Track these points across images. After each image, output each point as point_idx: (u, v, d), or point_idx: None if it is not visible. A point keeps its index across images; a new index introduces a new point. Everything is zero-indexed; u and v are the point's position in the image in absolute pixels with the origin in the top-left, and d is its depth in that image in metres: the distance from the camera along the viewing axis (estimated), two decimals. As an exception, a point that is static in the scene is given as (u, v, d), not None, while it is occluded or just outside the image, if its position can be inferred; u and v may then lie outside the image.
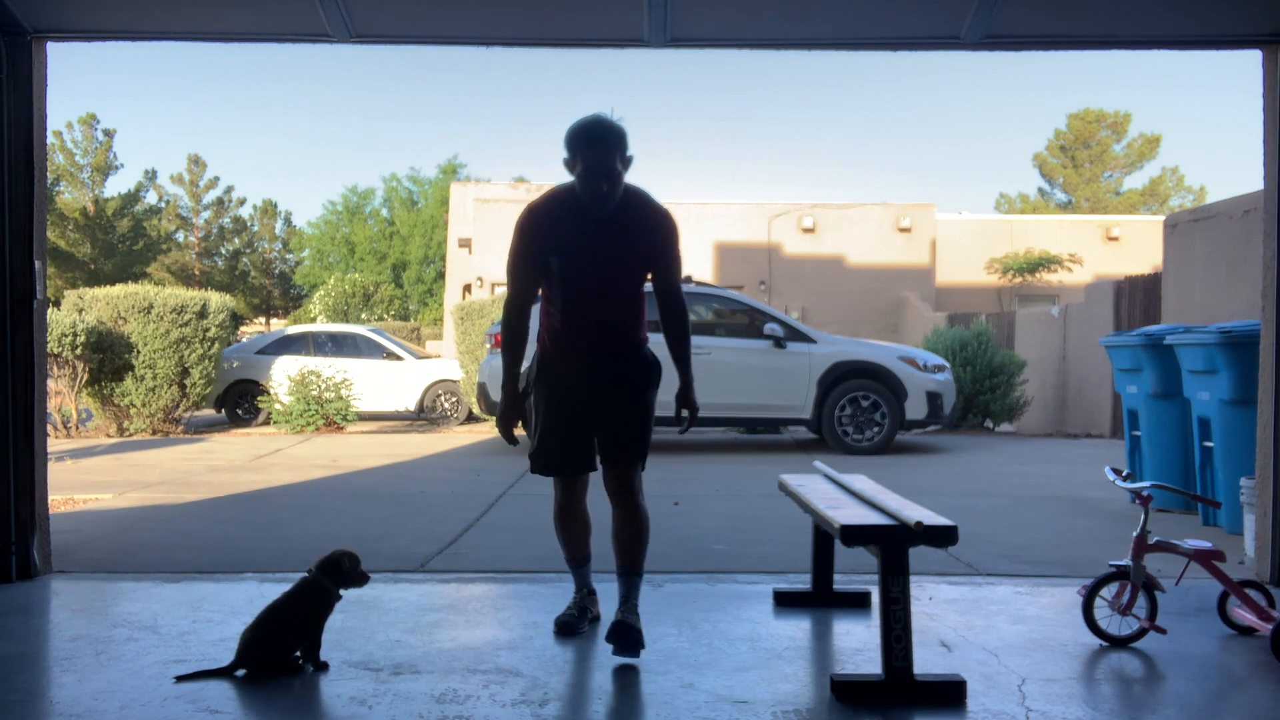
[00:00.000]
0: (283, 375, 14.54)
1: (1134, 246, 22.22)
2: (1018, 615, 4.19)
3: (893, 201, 21.88)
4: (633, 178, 3.57)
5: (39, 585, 4.68)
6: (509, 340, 3.71)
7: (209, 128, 68.51)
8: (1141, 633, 3.76)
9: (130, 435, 13.26)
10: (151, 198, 43.48)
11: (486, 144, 69.94)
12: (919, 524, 3.11)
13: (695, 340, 10.81)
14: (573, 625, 3.85)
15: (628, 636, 3.49)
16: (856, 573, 4.78)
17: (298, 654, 3.42)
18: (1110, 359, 7.80)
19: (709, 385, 10.69)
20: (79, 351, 12.58)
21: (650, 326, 3.76)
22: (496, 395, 10.79)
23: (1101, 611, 3.81)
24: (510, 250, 3.63)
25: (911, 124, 70.88)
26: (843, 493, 3.91)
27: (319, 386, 13.96)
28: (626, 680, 3.38)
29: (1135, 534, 3.78)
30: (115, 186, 58.30)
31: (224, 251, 47.00)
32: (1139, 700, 3.26)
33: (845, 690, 3.17)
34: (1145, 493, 3.82)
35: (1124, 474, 3.97)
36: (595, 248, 3.56)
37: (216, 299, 14.28)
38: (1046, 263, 20.68)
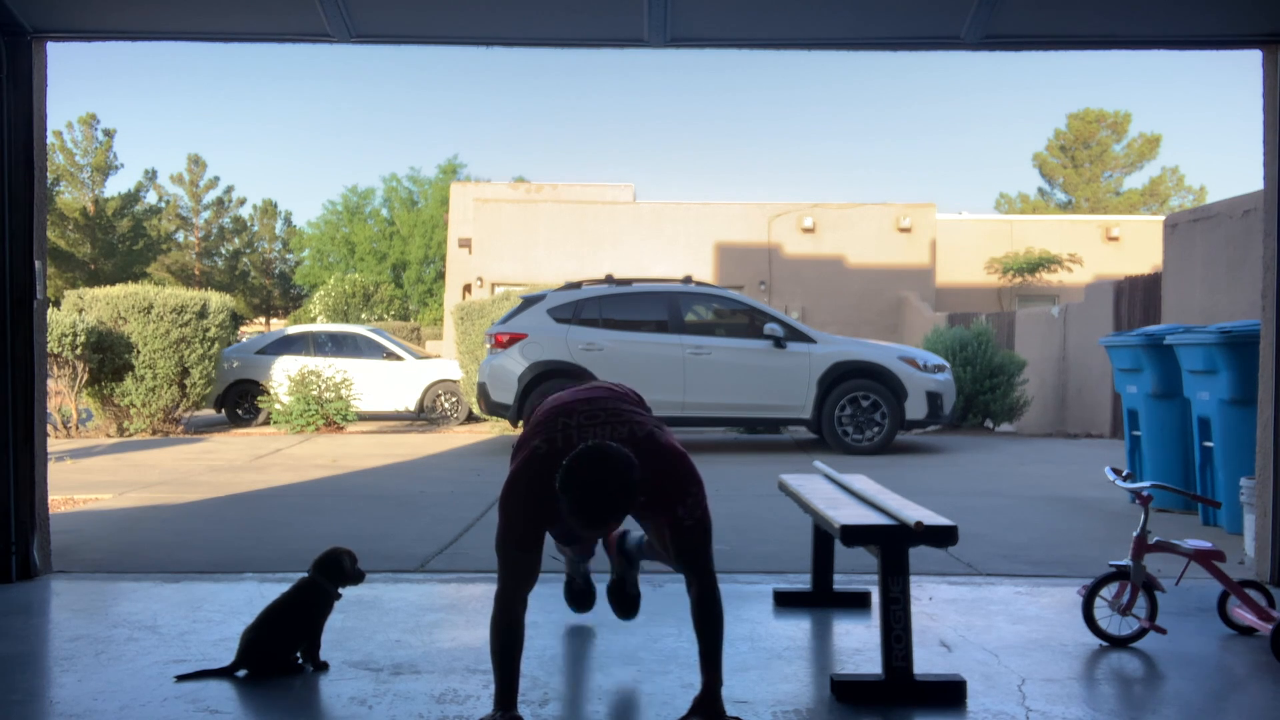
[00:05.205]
0: (283, 375, 14.54)
1: (1134, 246, 22.22)
2: (1018, 615, 4.19)
3: (893, 201, 21.90)
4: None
5: (39, 585, 4.68)
6: (498, 643, 2.83)
7: (209, 128, 68.61)
8: (1141, 633, 3.76)
9: (130, 435, 13.26)
10: (151, 198, 43.54)
11: (486, 144, 70.04)
12: (919, 524, 3.11)
13: (695, 340, 10.98)
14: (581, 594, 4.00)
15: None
16: (856, 573, 4.78)
17: (298, 654, 3.43)
18: (1110, 359, 7.80)
19: (709, 385, 10.79)
20: (79, 351, 12.58)
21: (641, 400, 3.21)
22: (497, 395, 10.81)
23: (1101, 611, 3.81)
24: (498, 529, 2.92)
25: (911, 124, 70.97)
26: (843, 493, 3.91)
27: (319, 386, 13.96)
28: (626, 680, 3.38)
29: (1135, 534, 3.78)
30: (115, 186, 58.47)
31: (224, 251, 47.01)
32: (1139, 700, 3.26)
33: (845, 690, 3.17)
34: (1145, 493, 3.82)
35: (1124, 474, 3.97)
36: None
37: (216, 299, 14.28)
38: (1046, 263, 20.68)
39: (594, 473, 2.63)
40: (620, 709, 3.14)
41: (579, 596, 4.02)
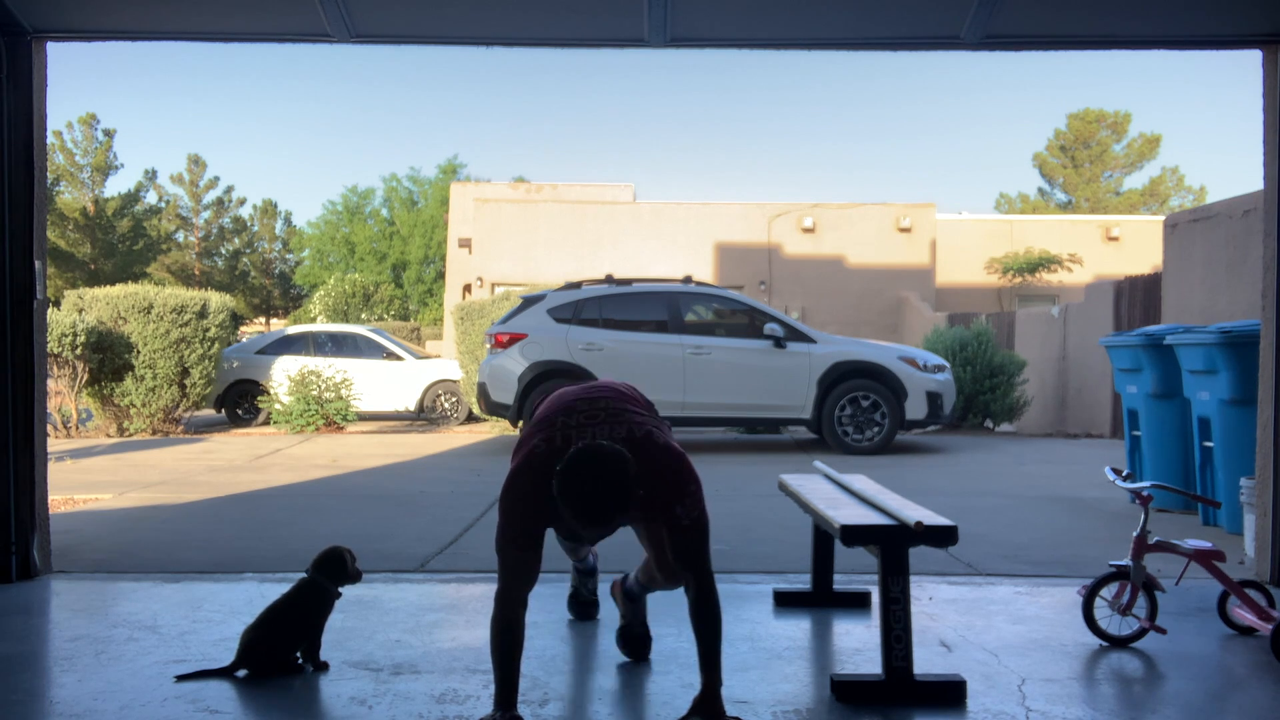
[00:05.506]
0: (283, 375, 14.54)
1: (1134, 246, 22.22)
2: (1018, 615, 4.19)
3: (893, 201, 21.90)
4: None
5: (39, 585, 4.68)
6: (498, 643, 2.84)
7: (209, 128, 68.59)
8: (1141, 633, 3.76)
9: (130, 435, 13.26)
10: (151, 198, 43.52)
11: (486, 144, 70.05)
12: (919, 524, 3.11)
13: (695, 340, 10.98)
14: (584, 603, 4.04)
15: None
16: (856, 573, 4.78)
17: (298, 654, 3.43)
18: (1110, 359, 7.80)
19: (709, 385, 10.79)
20: (79, 351, 12.58)
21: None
22: (497, 395, 10.81)
23: (1101, 611, 3.81)
24: (498, 528, 2.92)
25: (911, 124, 70.98)
26: (843, 493, 3.91)
27: (319, 386, 13.96)
28: (627, 680, 3.38)
29: (1135, 534, 3.78)
30: (115, 186, 58.51)
31: (224, 251, 47.00)
32: (1139, 700, 3.26)
33: (845, 690, 3.17)
34: (1145, 493, 3.82)
35: (1124, 474, 3.97)
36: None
37: (216, 299, 14.28)
38: (1046, 263, 20.68)
39: (589, 472, 2.65)
40: (620, 709, 3.14)
41: (584, 608, 4.05)
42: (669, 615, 4.07)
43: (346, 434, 13.52)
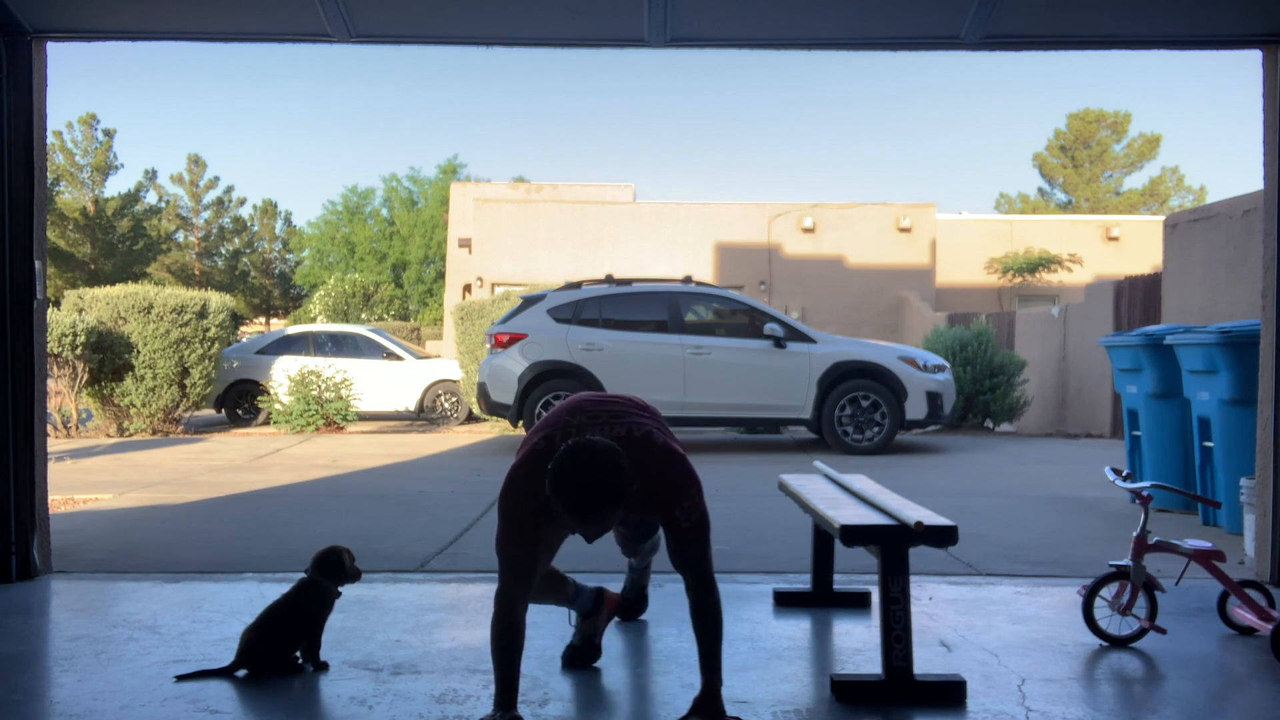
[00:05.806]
0: (283, 375, 14.54)
1: (1134, 246, 22.22)
2: (1018, 615, 4.19)
3: (893, 201, 21.90)
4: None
5: (39, 585, 4.68)
6: (498, 643, 2.84)
7: (209, 128, 68.55)
8: (1141, 633, 3.76)
9: (130, 435, 13.26)
10: (151, 198, 43.51)
11: (486, 144, 70.06)
12: (919, 524, 3.11)
13: (695, 340, 10.99)
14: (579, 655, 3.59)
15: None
16: (856, 573, 4.78)
17: (298, 654, 3.43)
18: (1110, 359, 7.80)
19: (709, 385, 10.79)
20: (79, 351, 12.58)
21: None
22: (497, 395, 10.81)
23: (1101, 611, 3.81)
24: (498, 528, 2.92)
25: (911, 124, 70.99)
26: (843, 493, 3.91)
27: (319, 386, 13.96)
28: (627, 680, 3.38)
29: (1135, 534, 3.78)
30: (115, 186, 58.54)
31: (224, 251, 47.00)
32: (1139, 700, 3.26)
33: (845, 690, 3.17)
34: (1145, 493, 3.82)
35: (1124, 474, 3.97)
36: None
37: (216, 299, 14.28)
38: (1046, 263, 20.68)
39: (578, 466, 2.64)
40: (620, 709, 3.14)
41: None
42: (669, 615, 4.08)
43: (346, 434, 13.52)
